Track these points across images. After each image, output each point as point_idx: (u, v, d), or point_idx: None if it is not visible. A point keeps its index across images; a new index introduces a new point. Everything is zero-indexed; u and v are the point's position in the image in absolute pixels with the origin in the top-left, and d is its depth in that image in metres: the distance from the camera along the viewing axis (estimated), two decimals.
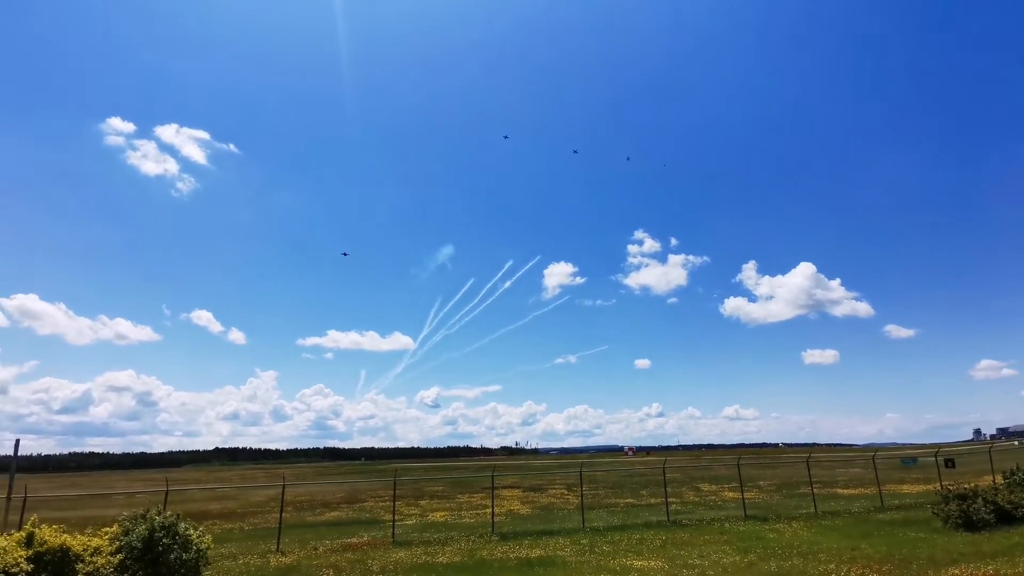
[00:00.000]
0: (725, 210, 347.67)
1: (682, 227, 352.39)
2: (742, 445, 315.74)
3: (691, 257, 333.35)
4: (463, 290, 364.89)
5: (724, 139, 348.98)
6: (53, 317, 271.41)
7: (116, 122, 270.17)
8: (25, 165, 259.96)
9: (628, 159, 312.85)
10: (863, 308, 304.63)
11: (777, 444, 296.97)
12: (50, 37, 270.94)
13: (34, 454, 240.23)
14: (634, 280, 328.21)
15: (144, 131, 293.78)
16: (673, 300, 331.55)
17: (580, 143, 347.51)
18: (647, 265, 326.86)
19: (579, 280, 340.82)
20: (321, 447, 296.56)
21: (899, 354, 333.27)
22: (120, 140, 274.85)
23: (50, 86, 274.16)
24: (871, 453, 50.69)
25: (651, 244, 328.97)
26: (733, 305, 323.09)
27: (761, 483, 45.07)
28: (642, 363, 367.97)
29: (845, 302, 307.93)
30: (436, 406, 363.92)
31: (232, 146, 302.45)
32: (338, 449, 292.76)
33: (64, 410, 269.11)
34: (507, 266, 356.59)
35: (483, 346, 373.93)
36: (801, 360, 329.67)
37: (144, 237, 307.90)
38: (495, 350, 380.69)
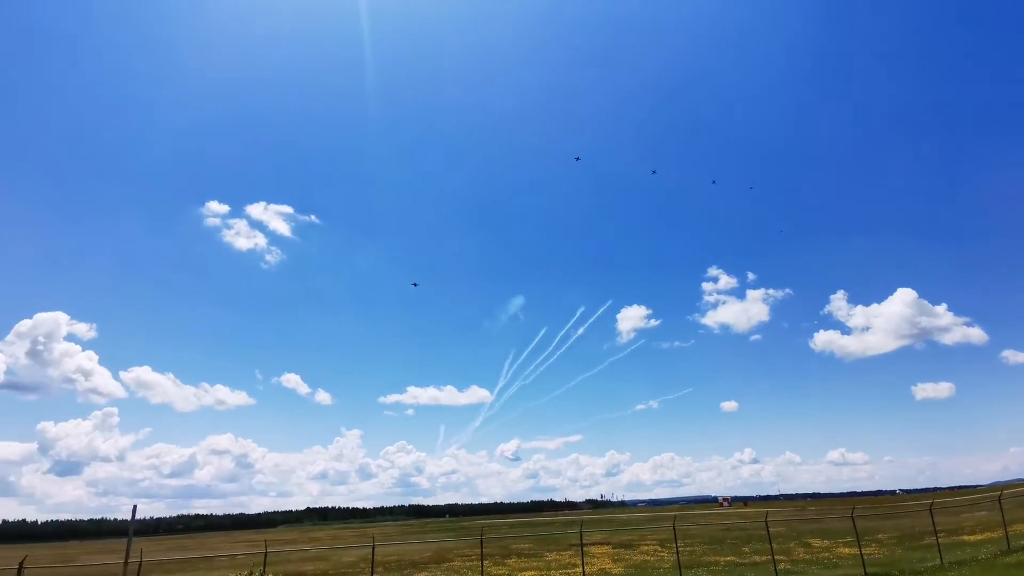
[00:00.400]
0: (805, 239, 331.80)
1: (758, 260, 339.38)
2: (853, 494, 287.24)
3: (771, 291, 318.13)
4: (536, 340, 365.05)
5: (798, 165, 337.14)
6: (163, 387, 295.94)
7: (214, 205, 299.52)
8: (142, 249, 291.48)
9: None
10: (976, 334, 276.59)
11: (895, 491, 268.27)
12: (159, 131, 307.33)
13: (147, 517, 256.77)
14: (712, 319, 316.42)
15: (237, 211, 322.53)
16: (756, 337, 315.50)
17: (637, 180, 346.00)
18: (724, 302, 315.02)
19: (654, 322, 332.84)
20: (406, 504, 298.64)
21: (1020, 381, 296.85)
22: (217, 221, 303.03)
23: (160, 175, 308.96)
24: (996, 493, 44.74)
25: (727, 280, 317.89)
26: (825, 339, 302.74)
27: (880, 536, 40.60)
28: (729, 406, 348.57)
29: (955, 328, 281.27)
30: (517, 459, 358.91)
31: (313, 217, 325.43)
32: (423, 506, 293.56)
33: (173, 474, 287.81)
34: (579, 313, 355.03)
35: (560, 395, 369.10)
36: (911, 396, 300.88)
37: (238, 308, 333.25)
38: (573, 399, 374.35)
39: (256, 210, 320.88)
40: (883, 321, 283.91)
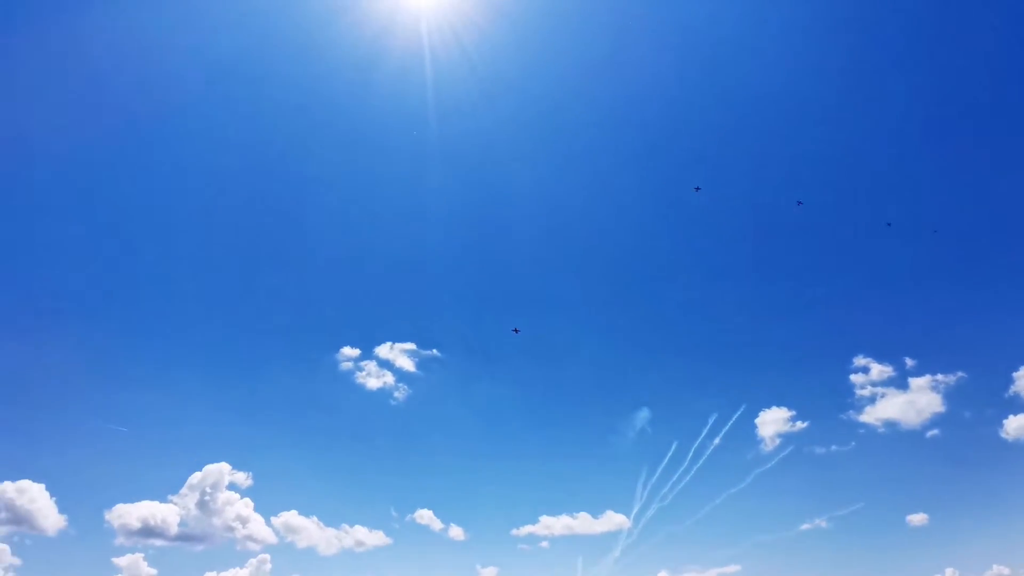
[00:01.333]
0: (969, 311, 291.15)
1: (915, 343, 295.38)
2: None
3: (940, 376, 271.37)
4: (668, 455, 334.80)
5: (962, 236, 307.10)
6: (308, 530, 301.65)
7: (347, 350, 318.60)
8: (289, 397, 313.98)
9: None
10: None
11: None
12: (297, 285, 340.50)
13: None
14: (871, 415, 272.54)
15: (367, 353, 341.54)
16: (933, 432, 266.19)
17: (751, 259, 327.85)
18: (883, 395, 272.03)
19: (800, 425, 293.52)
20: None
21: None
22: (350, 365, 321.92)
23: (301, 328, 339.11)
24: None
25: (880, 369, 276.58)
26: (1018, 424, 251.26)
27: None
28: (916, 518, 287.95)
29: None
30: None
31: (435, 351, 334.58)
32: None
33: None
34: (711, 421, 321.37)
35: (706, 516, 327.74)
36: None
37: (372, 446, 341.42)
38: (721, 520, 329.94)
39: (383, 350, 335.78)
40: None
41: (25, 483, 78.55)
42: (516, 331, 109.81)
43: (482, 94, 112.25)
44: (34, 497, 78.64)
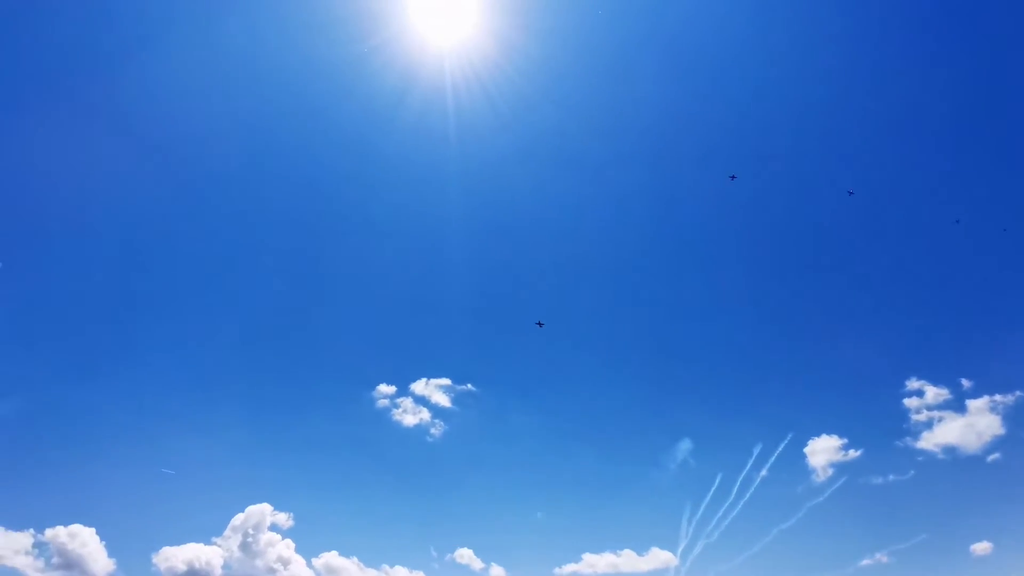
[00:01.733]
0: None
1: (970, 362, 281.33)
2: None
3: (998, 397, 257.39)
4: (713, 488, 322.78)
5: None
6: (349, 571, 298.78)
7: (383, 387, 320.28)
8: (327, 437, 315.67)
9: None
10: None
11: None
12: (334, 325, 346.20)
13: None
14: (928, 441, 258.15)
15: (402, 390, 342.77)
16: (994, 456, 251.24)
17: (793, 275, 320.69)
18: (940, 419, 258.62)
19: (853, 453, 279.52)
20: None
21: None
22: (386, 402, 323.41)
23: (338, 367, 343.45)
24: None
25: (935, 392, 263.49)
26: None
27: None
28: (981, 547, 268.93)
29: None
30: None
31: (470, 385, 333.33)
32: None
33: None
34: (756, 451, 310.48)
35: (757, 553, 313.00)
36: None
37: (409, 485, 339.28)
38: (774, 557, 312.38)
39: (419, 387, 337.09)
40: None
41: (76, 527, 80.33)
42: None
43: (501, 126, 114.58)
44: (85, 541, 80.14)
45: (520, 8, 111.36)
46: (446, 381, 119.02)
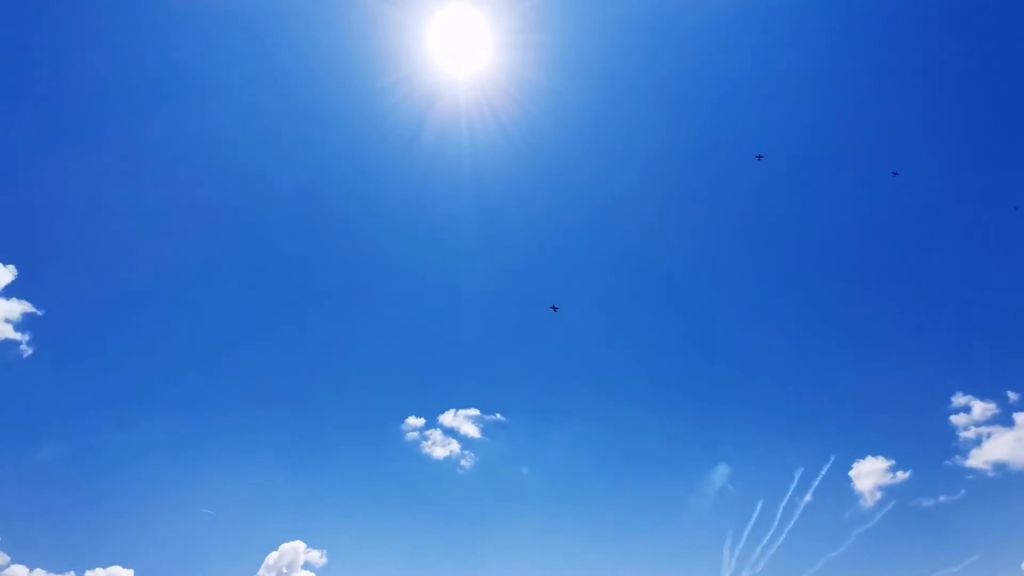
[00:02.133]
0: None
1: (1016, 373, 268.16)
2: None
3: None
4: (754, 516, 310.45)
5: None
6: None
7: (412, 420, 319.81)
8: (358, 472, 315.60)
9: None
10: None
11: None
12: (364, 359, 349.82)
13: None
14: (978, 459, 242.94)
15: (431, 422, 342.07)
16: None
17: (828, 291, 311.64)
18: (989, 435, 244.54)
19: (901, 475, 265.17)
20: None
21: None
22: (416, 435, 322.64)
23: (368, 401, 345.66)
24: None
25: (982, 407, 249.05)
26: None
27: None
28: None
29: None
30: None
31: (499, 415, 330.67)
32: None
33: None
34: (798, 476, 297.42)
35: None
36: None
37: (441, 518, 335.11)
38: None
39: (448, 418, 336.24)
40: None
41: (116, 569, 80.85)
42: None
43: (515, 156, 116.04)
44: None
45: (532, 42, 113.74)
46: (474, 411, 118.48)
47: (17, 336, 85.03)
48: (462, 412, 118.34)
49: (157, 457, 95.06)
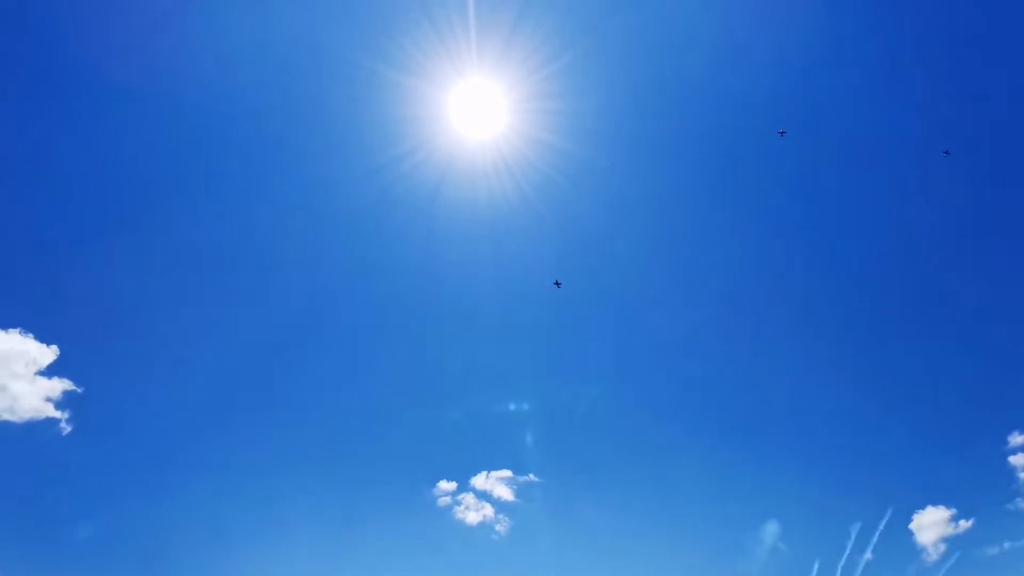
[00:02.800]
0: None
1: None
2: None
3: None
4: None
5: None
6: None
7: (444, 484, 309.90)
8: (394, 539, 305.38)
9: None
10: None
11: None
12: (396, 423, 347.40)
13: None
14: None
15: (463, 485, 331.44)
16: None
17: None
18: None
19: (964, 524, 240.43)
20: None
21: None
22: (448, 500, 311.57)
23: (398, 466, 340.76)
24: None
25: None
26: None
27: None
28: None
29: None
30: None
31: (532, 475, 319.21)
32: None
33: None
34: (855, 532, 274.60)
35: None
36: None
37: None
38: None
39: (479, 481, 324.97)
40: None
41: None
42: (557, 284, 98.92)
43: (533, 216, 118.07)
44: None
45: (548, 108, 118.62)
46: (507, 473, 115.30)
47: (57, 414, 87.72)
48: (494, 474, 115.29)
49: (192, 531, 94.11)
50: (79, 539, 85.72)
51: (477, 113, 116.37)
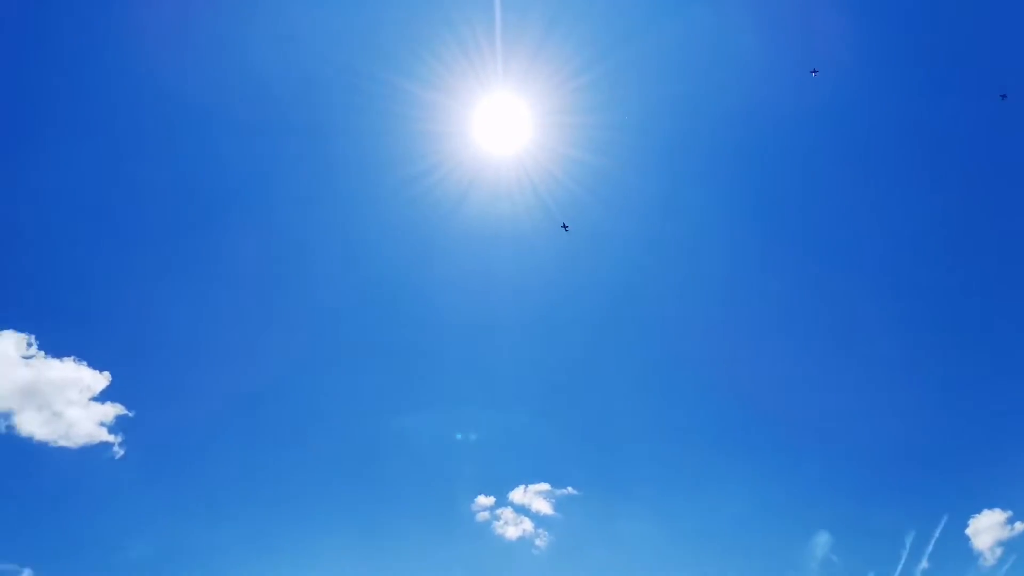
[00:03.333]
0: None
1: None
2: None
3: None
4: None
5: None
6: None
7: (482, 499, 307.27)
8: (435, 558, 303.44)
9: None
10: None
11: None
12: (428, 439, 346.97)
13: None
14: None
15: (501, 500, 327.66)
16: None
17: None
18: None
19: (1020, 526, 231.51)
20: None
21: None
22: (487, 515, 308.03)
23: (434, 482, 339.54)
24: None
25: None
26: None
27: None
28: None
29: None
30: None
31: (570, 488, 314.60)
32: None
33: None
34: (909, 541, 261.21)
35: None
36: None
37: None
38: None
39: (518, 495, 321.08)
40: None
41: None
42: (565, 227, 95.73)
43: (554, 229, 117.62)
44: None
45: (575, 122, 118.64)
46: (545, 486, 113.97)
47: (110, 438, 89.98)
48: (532, 487, 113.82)
49: (239, 553, 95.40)
50: (132, 560, 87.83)
51: (502, 127, 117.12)
